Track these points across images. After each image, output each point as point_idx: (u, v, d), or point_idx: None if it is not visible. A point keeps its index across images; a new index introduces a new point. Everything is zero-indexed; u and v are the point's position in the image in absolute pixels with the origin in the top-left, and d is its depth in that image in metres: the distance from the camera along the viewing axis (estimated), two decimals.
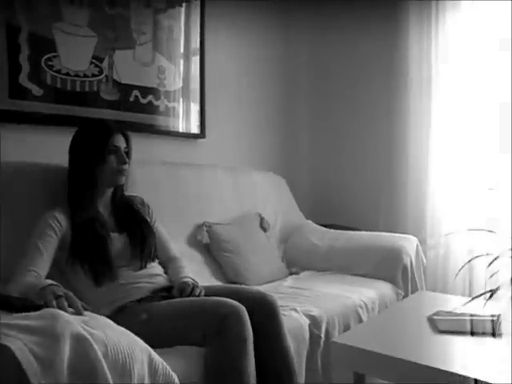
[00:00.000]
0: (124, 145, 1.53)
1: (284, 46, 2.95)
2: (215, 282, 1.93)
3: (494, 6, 2.30)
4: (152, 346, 1.21)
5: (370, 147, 2.83)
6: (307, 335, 1.53)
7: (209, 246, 2.05)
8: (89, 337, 0.84)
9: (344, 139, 2.93)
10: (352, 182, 2.90)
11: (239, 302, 1.30)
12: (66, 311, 0.97)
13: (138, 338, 0.99)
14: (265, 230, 2.34)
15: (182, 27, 2.37)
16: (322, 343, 1.57)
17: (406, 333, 1.18)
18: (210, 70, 2.49)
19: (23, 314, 0.92)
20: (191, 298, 1.37)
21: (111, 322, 1.01)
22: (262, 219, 2.35)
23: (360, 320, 1.74)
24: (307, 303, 1.68)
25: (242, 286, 1.73)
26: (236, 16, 2.64)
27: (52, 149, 1.83)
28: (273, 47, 2.88)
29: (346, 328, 1.66)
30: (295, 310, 1.58)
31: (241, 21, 2.67)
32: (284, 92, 2.98)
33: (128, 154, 1.55)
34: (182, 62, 2.37)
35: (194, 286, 1.44)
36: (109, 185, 1.53)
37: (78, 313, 1.01)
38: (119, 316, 1.33)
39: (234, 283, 1.97)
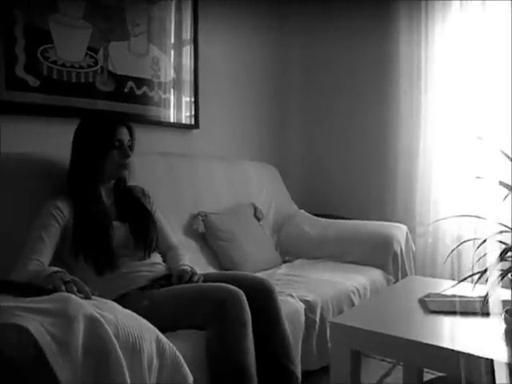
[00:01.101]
0: (128, 137, 1.55)
1: (277, 38, 2.97)
2: (211, 271, 1.97)
3: (485, 6, 2.34)
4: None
5: (361, 138, 2.87)
6: (303, 319, 1.59)
7: (204, 235, 2.09)
8: (101, 318, 0.88)
9: (335, 130, 2.97)
10: (344, 171, 2.94)
11: (238, 287, 1.34)
12: (75, 295, 1.01)
13: (145, 320, 1.03)
14: (259, 219, 2.38)
15: (173, 18, 2.38)
16: (317, 327, 1.63)
17: (398, 313, 1.24)
18: (204, 61, 2.52)
19: (36, 298, 0.95)
20: (191, 285, 1.41)
21: (119, 306, 1.05)
22: (255, 209, 2.39)
23: (352, 305, 1.81)
24: (302, 289, 1.74)
25: (240, 272, 1.77)
26: (229, 8, 2.66)
27: (49, 139, 1.86)
28: (266, 40, 2.90)
29: (340, 312, 1.72)
30: (291, 296, 1.63)
31: (234, 13, 2.69)
32: (277, 83, 3.01)
33: (131, 146, 1.57)
34: (172, 52, 2.39)
35: (193, 273, 1.48)
36: (111, 177, 1.56)
37: (86, 297, 1.05)
38: (121, 303, 1.37)
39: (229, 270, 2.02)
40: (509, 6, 2.23)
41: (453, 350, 0.98)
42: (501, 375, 0.92)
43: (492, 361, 0.93)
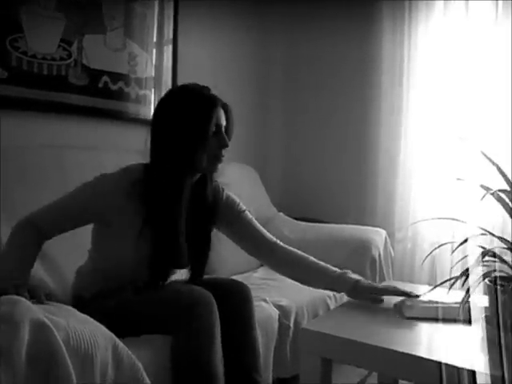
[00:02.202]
0: (224, 122, 1.27)
1: (258, 38, 2.92)
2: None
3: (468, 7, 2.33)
4: (118, 335, 1.17)
5: (342, 139, 2.83)
6: (276, 325, 1.53)
7: None
8: (49, 323, 0.81)
9: (316, 131, 2.93)
10: (323, 175, 2.90)
11: (213, 289, 1.27)
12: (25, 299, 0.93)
13: (101, 326, 0.96)
14: None
15: (156, 15, 2.32)
16: (290, 333, 1.58)
17: (374, 319, 1.19)
18: (183, 59, 2.45)
19: None
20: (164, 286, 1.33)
21: (74, 310, 0.99)
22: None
23: (328, 309, 1.76)
24: (277, 294, 1.69)
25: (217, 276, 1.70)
26: (210, 8, 2.60)
27: (17, 133, 1.77)
28: (246, 39, 2.85)
29: (315, 317, 1.67)
30: (265, 301, 1.58)
31: (215, 12, 2.63)
32: (258, 83, 2.96)
33: (228, 133, 1.28)
34: (154, 50, 2.33)
35: None
36: (198, 171, 1.27)
37: (39, 302, 0.98)
38: (91, 300, 1.29)
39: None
40: (492, 7, 2.22)
41: (431, 360, 0.93)
42: None
43: (474, 372, 0.88)
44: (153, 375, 1.05)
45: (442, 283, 1.03)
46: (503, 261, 0.96)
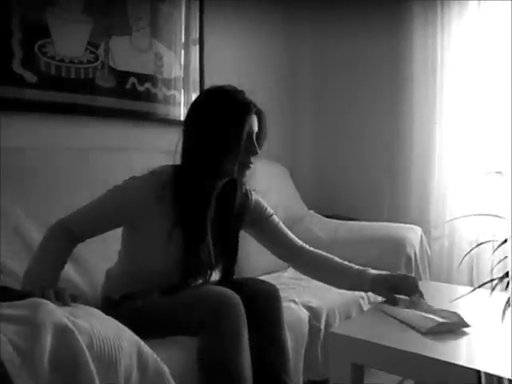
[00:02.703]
0: (256, 129, 1.24)
1: (287, 38, 2.88)
2: (215, 274, 1.89)
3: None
4: (146, 336, 1.18)
5: (374, 136, 2.76)
6: (306, 328, 1.49)
7: None
8: (72, 327, 0.80)
9: (347, 129, 2.86)
10: (355, 171, 2.83)
11: (241, 290, 1.25)
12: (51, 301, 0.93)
13: (127, 329, 0.95)
14: None
15: (182, 15, 2.31)
16: (321, 336, 1.53)
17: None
18: (211, 60, 2.43)
19: (7, 302, 0.88)
20: (189, 289, 1.31)
21: (100, 313, 0.97)
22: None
23: (361, 311, 1.70)
24: (307, 294, 1.64)
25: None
26: (237, 8, 2.57)
27: (46, 136, 1.81)
28: (275, 41, 2.82)
29: (347, 320, 1.62)
30: (294, 302, 1.54)
31: (242, 13, 2.61)
32: (287, 83, 2.92)
33: (260, 140, 1.26)
34: (182, 50, 2.32)
35: None
36: (225, 176, 1.25)
37: (65, 304, 0.97)
38: (119, 302, 1.30)
39: None
40: None
41: (470, 369, 0.86)
42: None
43: None
44: (179, 377, 1.03)
45: (482, 285, 0.96)
46: None
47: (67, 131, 1.89)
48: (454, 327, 1.05)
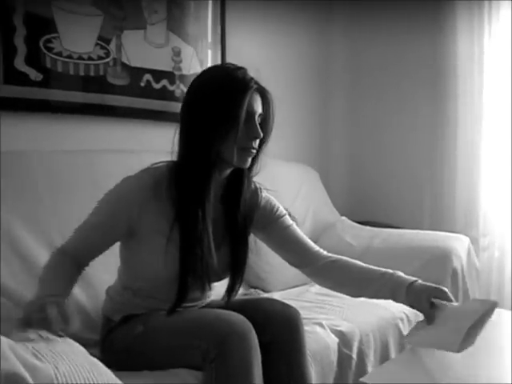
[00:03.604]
0: (260, 110, 1.09)
1: (318, 36, 2.72)
2: None
3: None
4: (144, 367, 1.08)
5: (413, 135, 2.56)
6: (335, 357, 1.27)
7: None
8: (24, 373, 0.64)
9: (384, 129, 2.68)
10: (392, 173, 2.64)
11: (254, 314, 1.09)
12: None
13: (108, 372, 0.78)
14: None
15: (202, 7, 2.14)
16: (353, 366, 1.32)
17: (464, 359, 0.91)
18: (233, 56, 2.26)
19: None
20: (193, 312, 1.15)
21: (77, 348, 0.81)
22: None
23: (401, 336, 1.47)
24: (336, 315, 1.43)
25: (259, 295, 1.49)
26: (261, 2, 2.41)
27: (52, 137, 1.69)
28: (306, 38, 2.65)
29: (384, 347, 1.40)
30: (320, 325, 1.33)
31: (268, 6, 2.43)
32: (320, 82, 2.76)
33: (265, 124, 1.11)
34: (201, 45, 2.16)
35: None
36: (225, 166, 1.11)
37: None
38: (122, 325, 1.16)
39: (255, 288, 1.75)
40: None
41: None
42: None
43: None
44: None
45: None
46: None
47: (75, 132, 1.76)
48: (484, 318, 0.93)
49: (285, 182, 2.27)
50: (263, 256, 1.80)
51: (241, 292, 1.43)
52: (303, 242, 1.25)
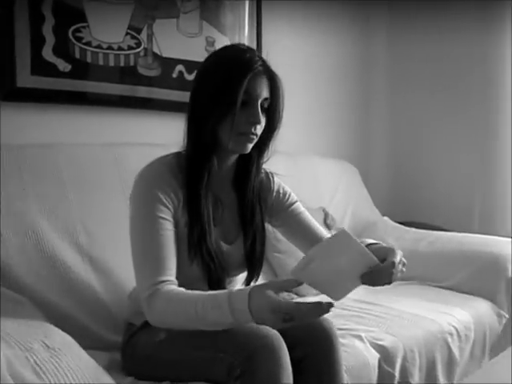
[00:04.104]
0: (266, 94, 1.02)
1: (359, 33, 2.62)
2: None
3: None
4: (165, 377, 1.01)
5: (461, 135, 2.44)
6: (375, 374, 1.15)
7: None
8: None
9: (428, 126, 2.56)
10: (439, 171, 2.51)
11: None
12: None
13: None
14: (329, 227, 1.99)
15: (246, 4, 2.05)
16: None
17: None
18: (269, 49, 2.16)
19: None
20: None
21: (85, 365, 0.73)
22: (326, 214, 2.00)
23: (450, 352, 1.32)
24: (378, 327, 1.30)
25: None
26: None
27: (79, 129, 1.64)
28: (346, 35, 2.56)
29: (430, 364, 1.26)
30: (359, 338, 1.20)
31: (309, 10, 2.34)
32: (361, 79, 2.66)
33: (272, 109, 1.04)
34: (236, 35, 2.06)
35: None
36: (226, 152, 1.05)
37: None
38: (144, 330, 1.08)
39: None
40: None
41: None
42: None
43: None
44: None
45: None
46: None
47: (105, 124, 1.71)
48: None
49: (324, 180, 2.17)
50: (295, 255, 1.70)
51: None
52: (315, 229, 1.21)
